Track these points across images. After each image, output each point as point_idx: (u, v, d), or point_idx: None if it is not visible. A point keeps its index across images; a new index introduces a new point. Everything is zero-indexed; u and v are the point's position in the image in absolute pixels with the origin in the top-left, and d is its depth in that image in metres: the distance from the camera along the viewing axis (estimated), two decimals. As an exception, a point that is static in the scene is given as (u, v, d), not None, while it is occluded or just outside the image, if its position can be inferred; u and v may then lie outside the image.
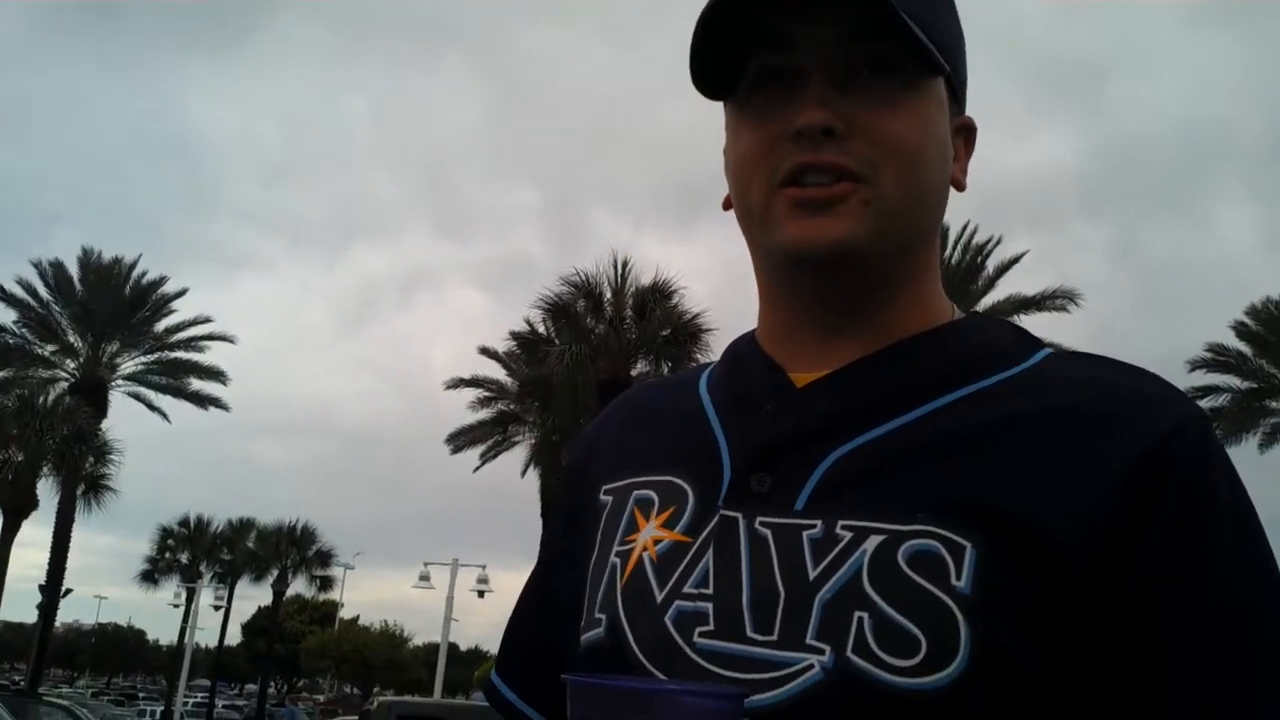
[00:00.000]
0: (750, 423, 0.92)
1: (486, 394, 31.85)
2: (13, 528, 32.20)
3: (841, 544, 0.81)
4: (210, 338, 34.80)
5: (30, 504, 32.34)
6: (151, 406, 34.64)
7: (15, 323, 33.44)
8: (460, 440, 32.24)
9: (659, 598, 0.87)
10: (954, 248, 24.25)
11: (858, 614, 0.78)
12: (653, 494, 0.94)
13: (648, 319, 26.78)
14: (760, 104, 0.91)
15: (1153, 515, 0.79)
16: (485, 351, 32.30)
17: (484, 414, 32.00)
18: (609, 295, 27.31)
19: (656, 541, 0.90)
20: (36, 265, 33.94)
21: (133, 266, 34.77)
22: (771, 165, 0.89)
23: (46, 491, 32.72)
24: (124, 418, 37.13)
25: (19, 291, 33.28)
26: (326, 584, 48.35)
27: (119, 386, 34.43)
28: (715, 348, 26.97)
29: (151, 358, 34.76)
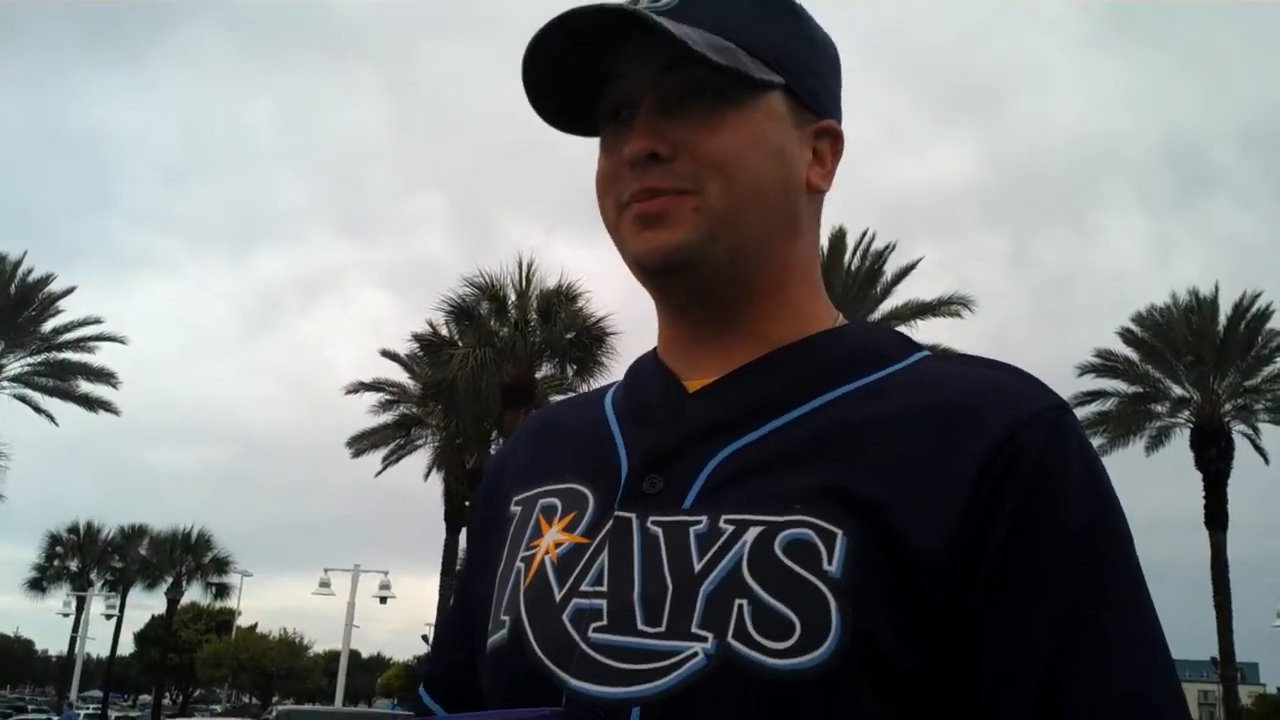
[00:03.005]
0: (646, 428, 0.99)
1: (388, 397, 31.46)
2: (-111, 535, 30.93)
3: (724, 537, 0.86)
4: (100, 338, 33.86)
5: (-91, 511, 31.13)
6: (38, 409, 33.57)
7: (-109, 323, 32.15)
8: (361, 444, 31.78)
9: (558, 597, 0.91)
10: (853, 254, 24.57)
11: (738, 601, 0.83)
12: (556, 501, 0.99)
13: (553, 322, 26.62)
14: (610, 134, 1.00)
15: (1004, 498, 0.83)
16: (386, 354, 31.86)
17: (386, 417, 31.60)
18: (513, 297, 27.07)
19: (558, 545, 0.95)
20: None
21: (18, 265, 33.67)
22: (618, 190, 0.98)
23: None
24: (9, 421, 35.88)
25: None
26: (223, 591, 47.31)
27: (3, 389, 33.31)
28: (621, 351, 26.88)
29: (38, 359, 33.67)
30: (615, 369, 27.15)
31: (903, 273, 24.88)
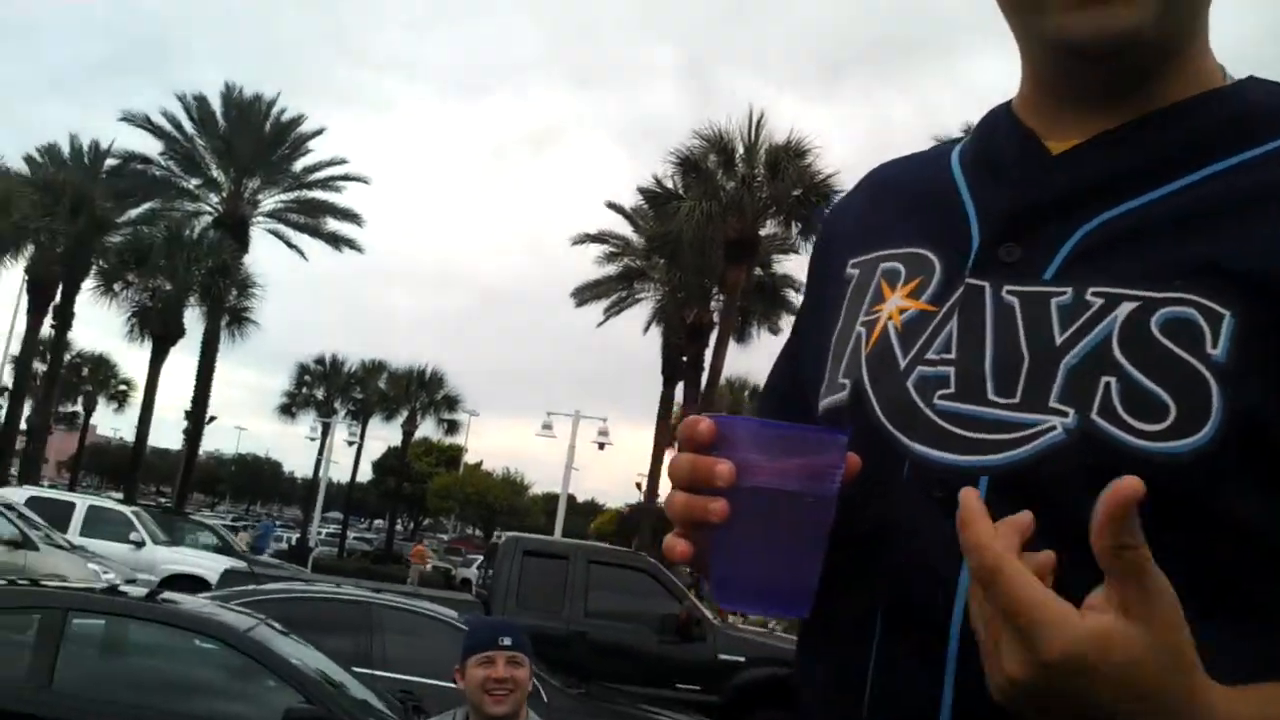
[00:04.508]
0: (1000, 191, 0.91)
1: (612, 250, 31.97)
2: (161, 355, 33.86)
3: (1092, 310, 0.80)
4: (346, 178, 35.68)
5: (178, 332, 33.93)
6: (290, 244, 35.79)
7: (161, 154, 34.47)
8: (585, 295, 32.58)
9: (902, 364, 0.88)
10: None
11: (1105, 379, 0.78)
12: (899, 265, 0.94)
13: (780, 177, 26.25)
14: None
15: None
16: (612, 206, 32.36)
17: (610, 269, 32.21)
18: (741, 151, 26.78)
19: (902, 311, 0.90)
20: (181, 98, 34.83)
21: (272, 104, 35.54)
22: None
23: (192, 323, 34.21)
24: (262, 255, 38.20)
25: (165, 124, 34.21)
26: (453, 428, 50.02)
27: (259, 223, 35.57)
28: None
29: (290, 196, 35.80)
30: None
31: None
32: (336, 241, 35.67)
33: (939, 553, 0.79)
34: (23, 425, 36.16)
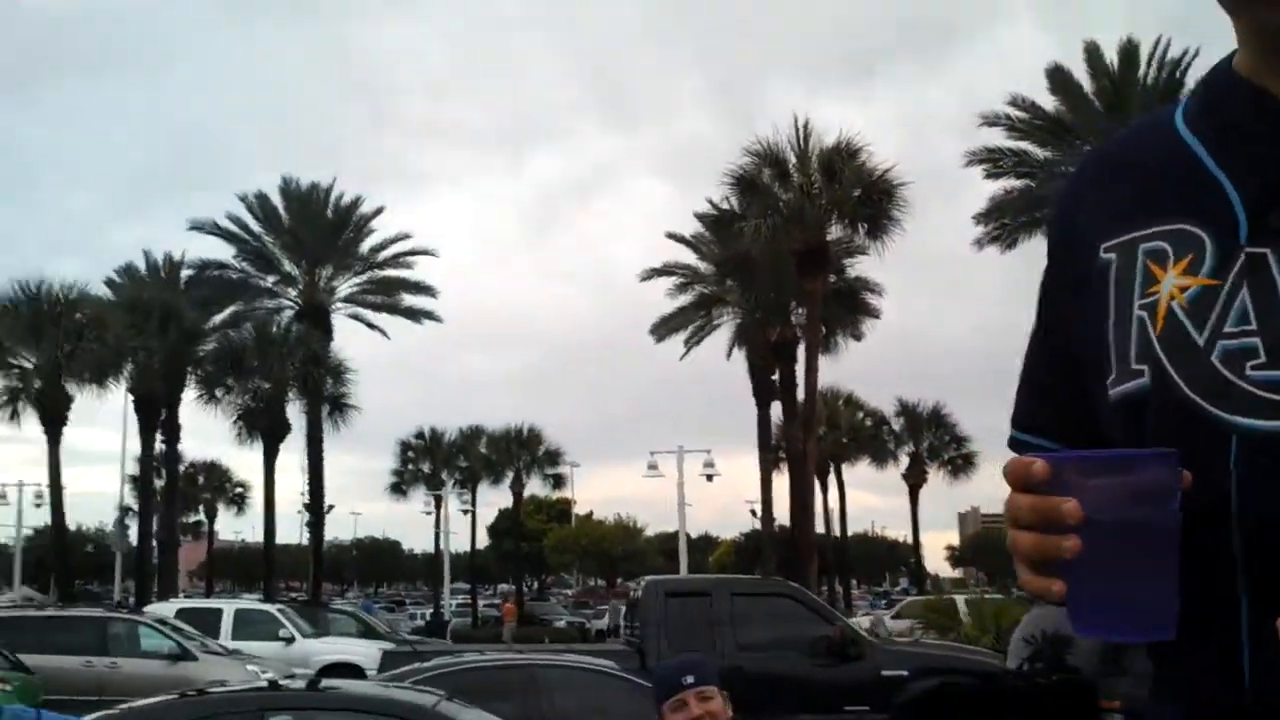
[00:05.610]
0: (1252, 156, 0.91)
1: (682, 279, 31.94)
2: (273, 452, 34.58)
3: None
4: (414, 253, 36.25)
5: (284, 428, 34.66)
6: (371, 325, 36.34)
7: (235, 257, 35.25)
8: (663, 330, 32.49)
9: (1201, 341, 0.88)
10: (1147, 65, 22.72)
11: None
12: (1164, 244, 0.93)
13: (837, 181, 26.01)
14: None
15: None
16: (672, 236, 32.25)
17: (683, 300, 32.16)
18: (794, 161, 26.54)
19: (1183, 289, 0.90)
20: (243, 198, 35.66)
21: (329, 190, 36.06)
22: None
23: (293, 416, 34.95)
24: (344, 340, 38.84)
25: (232, 226, 35.04)
26: (559, 482, 50.23)
27: (339, 309, 36.19)
28: (912, 202, 25.78)
29: (364, 278, 36.34)
30: (908, 224, 26.28)
31: (1212, 76, 22.74)
32: (415, 315, 36.29)
33: None
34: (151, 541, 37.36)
